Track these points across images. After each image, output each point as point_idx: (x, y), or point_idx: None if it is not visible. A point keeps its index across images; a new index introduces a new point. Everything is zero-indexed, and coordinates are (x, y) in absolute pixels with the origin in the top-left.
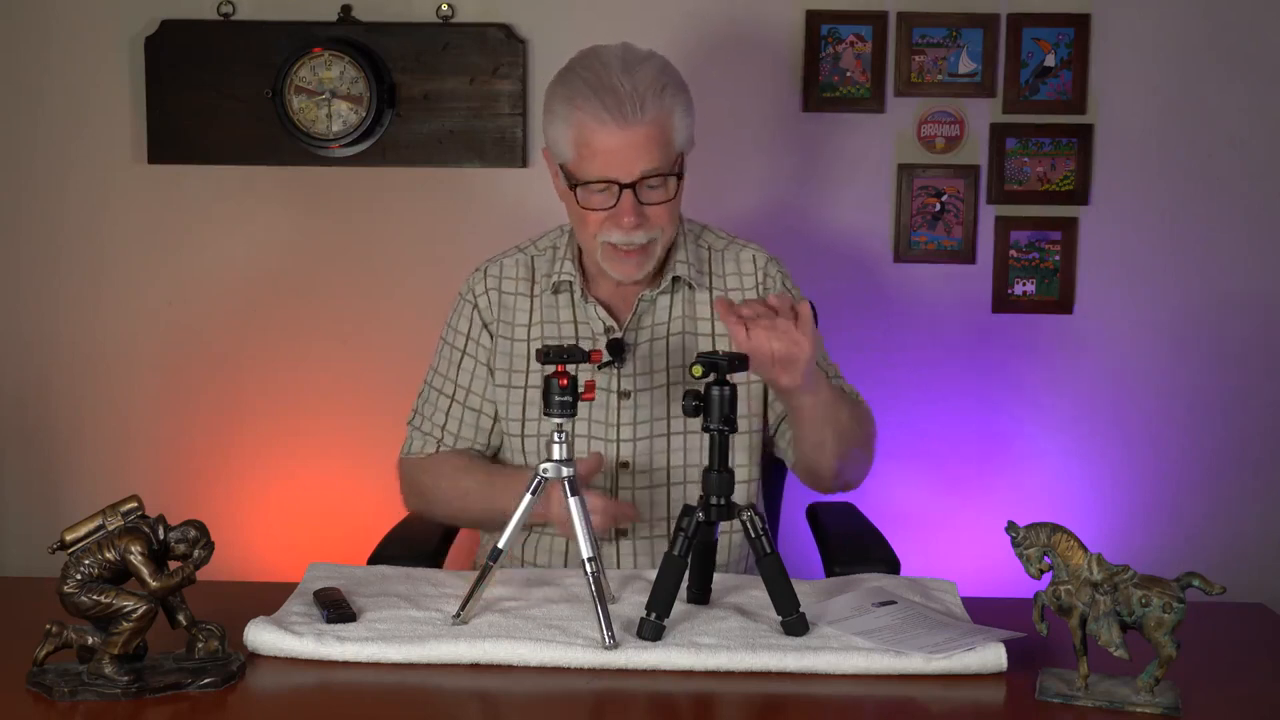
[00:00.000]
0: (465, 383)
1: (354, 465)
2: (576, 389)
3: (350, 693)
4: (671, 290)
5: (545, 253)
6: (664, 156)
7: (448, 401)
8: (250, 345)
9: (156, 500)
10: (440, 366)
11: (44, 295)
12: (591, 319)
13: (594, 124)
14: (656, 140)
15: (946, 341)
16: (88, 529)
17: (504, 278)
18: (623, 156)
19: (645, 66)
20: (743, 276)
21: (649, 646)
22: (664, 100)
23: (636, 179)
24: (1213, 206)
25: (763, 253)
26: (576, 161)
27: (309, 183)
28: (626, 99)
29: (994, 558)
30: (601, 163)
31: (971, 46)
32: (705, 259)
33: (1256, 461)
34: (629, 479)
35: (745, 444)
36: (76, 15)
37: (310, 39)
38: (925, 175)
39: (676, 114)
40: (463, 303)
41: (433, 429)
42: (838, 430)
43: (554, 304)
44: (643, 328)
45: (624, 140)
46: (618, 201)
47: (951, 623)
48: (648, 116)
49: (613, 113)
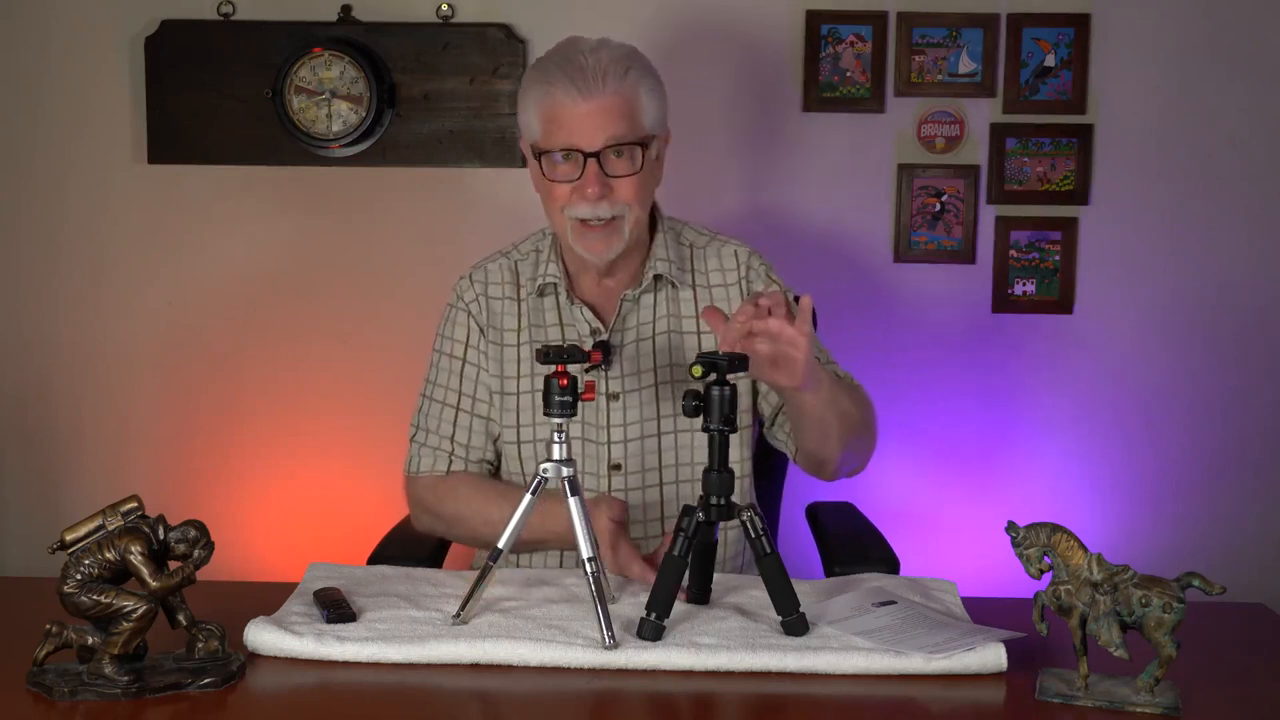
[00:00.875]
0: (470, 390)
1: (354, 465)
2: (576, 389)
3: (350, 693)
4: (655, 289)
5: (528, 256)
6: (628, 128)
7: (453, 412)
8: (250, 345)
9: (156, 500)
10: (439, 378)
11: (44, 295)
12: (578, 321)
13: (559, 95)
14: (620, 111)
15: (946, 341)
16: (88, 529)
17: (490, 283)
18: (586, 125)
19: (612, 48)
20: (725, 272)
21: (649, 646)
22: (627, 77)
23: (600, 148)
24: (1213, 206)
25: (745, 247)
26: (544, 135)
27: (309, 183)
28: (590, 71)
29: (994, 558)
30: (565, 132)
31: (971, 46)
32: (686, 256)
33: (1256, 461)
34: (621, 480)
35: (737, 440)
36: (76, 15)
37: (310, 39)
38: (925, 175)
39: (642, 92)
40: (455, 311)
41: (441, 442)
42: (841, 421)
43: (540, 307)
44: (628, 328)
45: (587, 109)
46: (583, 172)
47: (951, 623)
48: (609, 88)
49: (576, 83)
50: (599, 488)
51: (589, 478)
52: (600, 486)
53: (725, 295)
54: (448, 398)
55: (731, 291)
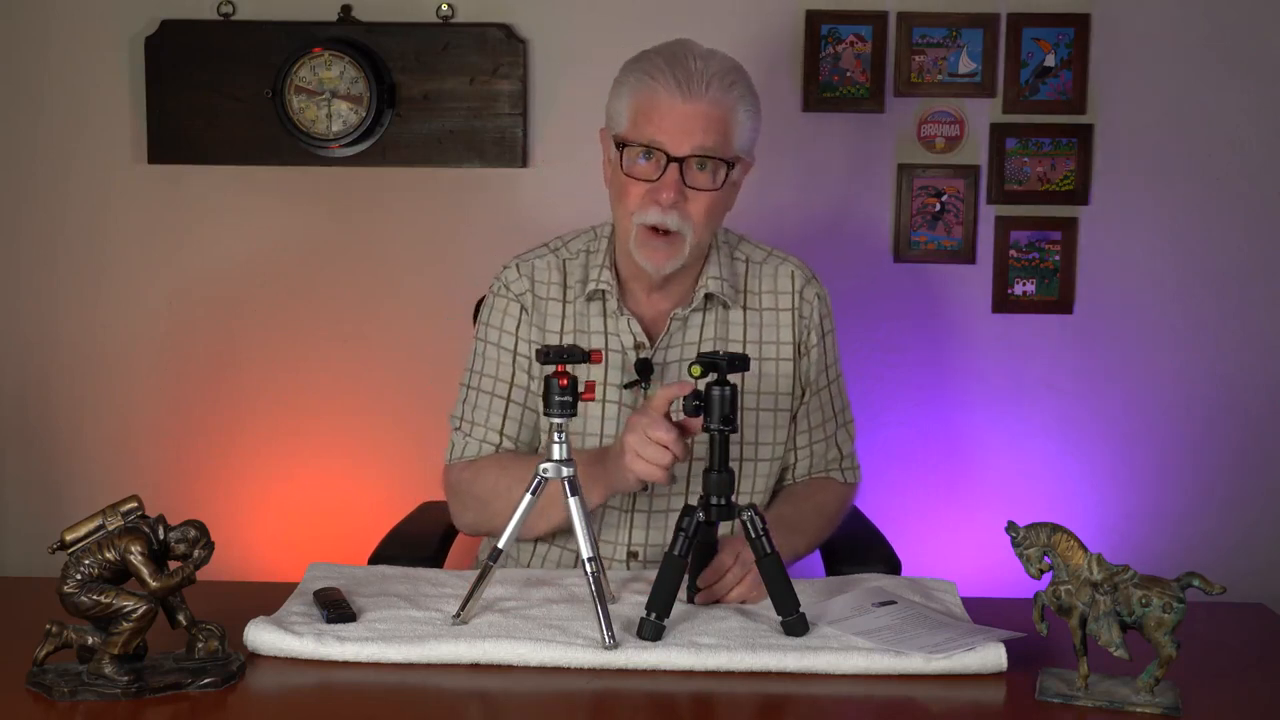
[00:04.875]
0: (523, 382)
1: (354, 465)
2: (576, 389)
3: (350, 693)
4: (705, 308)
5: (578, 256)
6: (719, 142)
7: (502, 402)
8: (250, 345)
9: (156, 500)
10: (485, 368)
11: (44, 295)
12: (623, 332)
13: (660, 90)
14: (715, 122)
15: (946, 341)
16: (88, 529)
17: (537, 280)
18: (679, 127)
19: (721, 59)
20: (779, 295)
21: (649, 646)
22: (731, 91)
23: (686, 154)
24: (1213, 206)
25: (802, 270)
26: (631, 127)
27: (309, 183)
28: (695, 75)
29: (994, 558)
30: (654, 128)
31: (971, 46)
32: (741, 274)
33: (1256, 461)
34: (645, 501)
35: (766, 472)
36: (76, 15)
37: (310, 39)
38: (925, 175)
39: (740, 109)
40: (502, 300)
41: (487, 433)
42: (812, 547)
43: (586, 312)
44: (673, 346)
45: (683, 112)
46: (662, 173)
47: (951, 623)
48: (711, 95)
49: (680, 83)
50: (624, 507)
51: (615, 496)
52: (624, 505)
53: (775, 320)
54: (495, 388)
55: (783, 317)
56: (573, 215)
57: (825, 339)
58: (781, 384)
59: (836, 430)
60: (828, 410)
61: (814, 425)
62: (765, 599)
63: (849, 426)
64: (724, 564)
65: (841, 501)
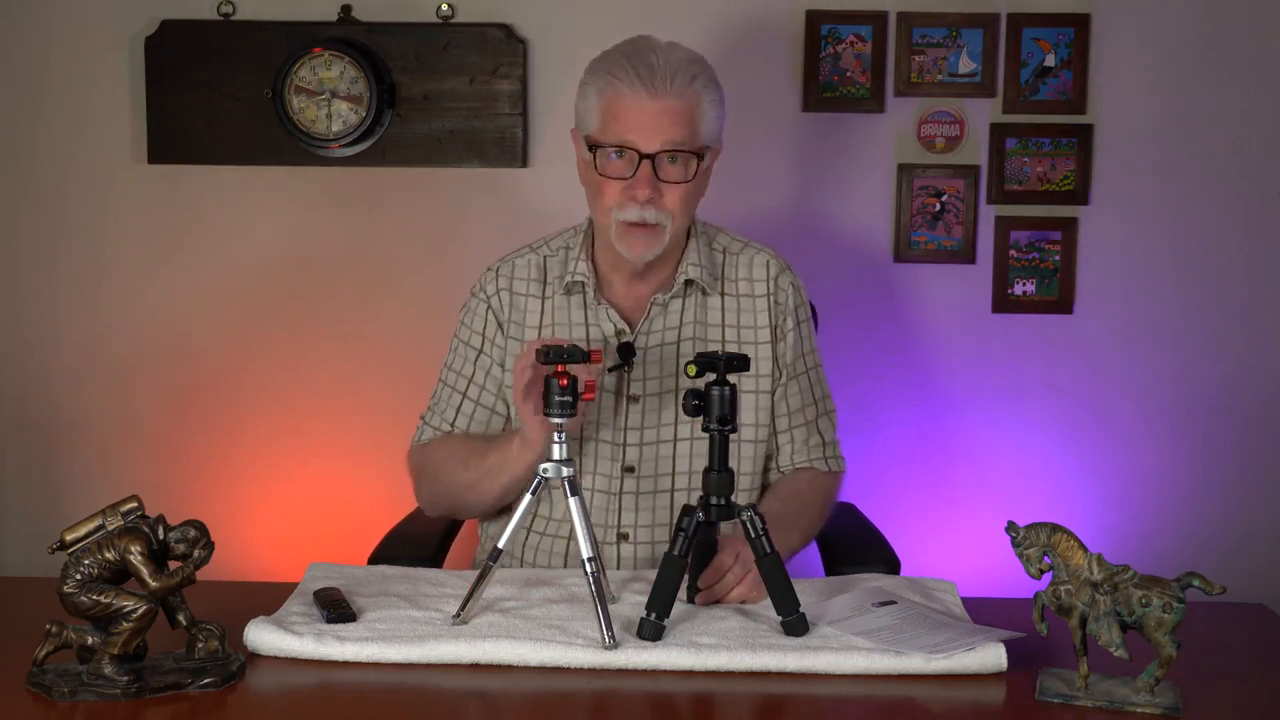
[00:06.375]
0: (481, 380)
1: (354, 465)
2: (576, 389)
3: (350, 693)
4: (684, 295)
5: (558, 253)
6: (687, 134)
7: (459, 398)
8: (250, 345)
9: (156, 500)
10: (454, 364)
11: (44, 295)
12: (603, 321)
13: (625, 89)
14: (682, 116)
15: (946, 341)
16: (88, 529)
17: (515, 278)
18: (647, 124)
19: (681, 51)
20: (754, 283)
21: (649, 646)
22: (694, 84)
23: (657, 150)
24: (1213, 206)
25: (777, 260)
26: (601, 128)
27: (309, 183)
28: (659, 71)
29: (994, 558)
30: (623, 127)
31: (971, 46)
32: (719, 262)
33: (1256, 461)
34: (633, 483)
35: (750, 454)
36: (76, 15)
37: (310, 39)
38: (925, 175)
39: (705, 100)
40: (476, 301)
41: (442, 423)
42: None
43: (565, 305)
44: (654, 331)
45: (651, 109)
46: (635, 171)
47: (951, 623)
48: (675, 90)
49: (644, 81)
50: (610, 489)
51: (601, 478)
52: (612, 488)
53: (752, 305)
54: (458, 384)
55: (759, 303)
56: (572, 215)
57: (801, 326)
58: (761, 366)
59: (818, 417)
60: (807, 396)
61: (793, 410)
62: (765, 599)
63: (831, 415)
64: (724, 564)
65: (828, 492)
